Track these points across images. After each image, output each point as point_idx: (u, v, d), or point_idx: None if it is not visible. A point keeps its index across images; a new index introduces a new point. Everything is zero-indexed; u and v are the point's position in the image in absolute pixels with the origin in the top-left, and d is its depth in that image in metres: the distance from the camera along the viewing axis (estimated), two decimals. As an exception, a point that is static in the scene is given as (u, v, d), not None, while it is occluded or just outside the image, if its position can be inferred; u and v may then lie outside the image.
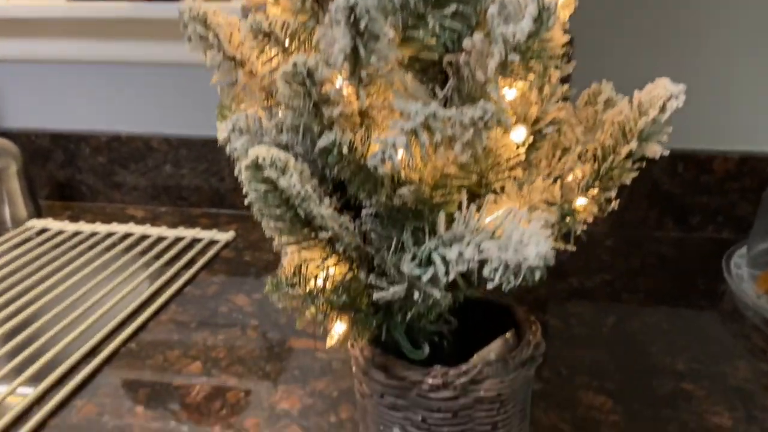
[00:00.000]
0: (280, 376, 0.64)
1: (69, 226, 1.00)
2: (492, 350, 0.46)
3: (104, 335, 0.71)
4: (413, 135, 0.32)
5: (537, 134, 0.42)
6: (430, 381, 0.42)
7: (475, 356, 0.45)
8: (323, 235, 0.36)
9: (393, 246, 0.36)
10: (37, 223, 1.01)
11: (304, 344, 0.69)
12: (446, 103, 0.36)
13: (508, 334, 0.48)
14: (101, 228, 0.99)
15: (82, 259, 0.89)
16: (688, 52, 0.87)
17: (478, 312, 0.50)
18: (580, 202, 0.43)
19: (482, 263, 0.31)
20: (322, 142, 0.33)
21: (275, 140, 0.37)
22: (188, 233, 0.97)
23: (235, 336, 0.72)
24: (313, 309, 0.39)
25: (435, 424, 0.44)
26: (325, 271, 0.39)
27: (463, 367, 0.42)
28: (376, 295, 0.37)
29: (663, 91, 0.38)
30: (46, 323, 0.74)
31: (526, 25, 0.32)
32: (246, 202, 0.36)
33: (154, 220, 1.05)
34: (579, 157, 0.41)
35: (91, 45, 1.03)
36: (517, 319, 0.49)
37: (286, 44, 0.37)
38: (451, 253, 0.32)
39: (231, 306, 0.78)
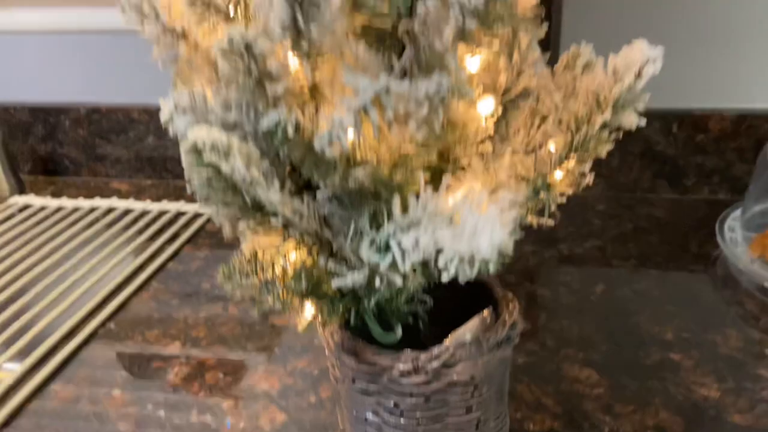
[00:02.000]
0: (261, 355, 0.63)
1: (51, 202, 0.98)
2: (468, 330, 0.44)
3: (85, 313, 0.70)
4: (363, 113, 0.29)
5: (509, 104, 0.39)
6: (400, 366, 0.40)
7: (450, 337, 0.43)
8: (275, 221, 0.34)
9: (351, 231, 0.34)
10: (20, 200, 0.99)
11: (286, 322, 0.68)
12: (405, 75, 0.33)
13: (485, 312, 0.46)
14: (84, 203, 0.97)
15: (65, 236, 0.88)
16: (685, 7, 0.83)
17: (456, 289, 0.48)
18: (558, 175, 0.41)
19: (438, 252, 0.28)
20: (266, 122, 0.31)
21: (222, 119, 0.35)
22: (172, 207, 0.96)
23: (216, 314, 0.70)
24: (270, 298, 0.37)
25: (408, 409, 0.42)
26: (284, 258, 0.37)
27: (435, 350, 0.41)
28: (336, 282, 0.35)
29: (639, 55, 0.35)
30: (28, 302, 0.73)
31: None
32: (189, 189, 0.33)
33: (139, 194, 1.03)
34: (558, 125, 0.38)
35: (64, 14, 0.99)
36: (495, 296, 0.47)
37: (230, 13, 0.34)
38: (407, 241, 0.30)
39: (213, 282, 0.77)
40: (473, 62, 0.35)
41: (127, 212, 0.95)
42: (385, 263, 0.33)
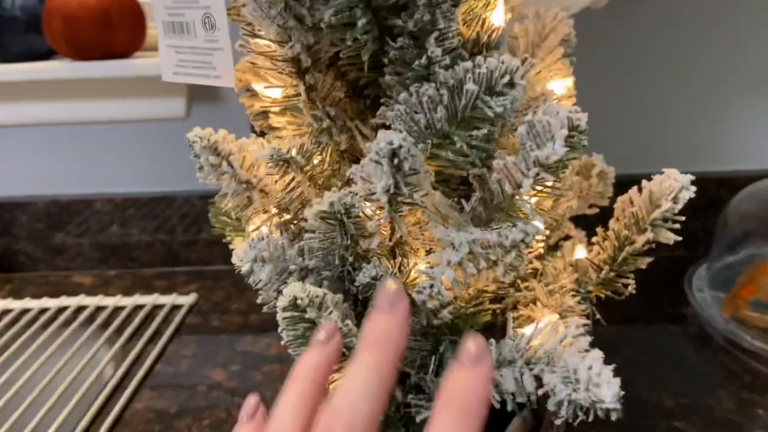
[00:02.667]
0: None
1: (14, 304, 0.93)
2: (511, 432, 0.46)
3: (78, 433, 0.67)
4: (458, 265, 0.31)
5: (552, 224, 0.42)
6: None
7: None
8: (362, 364, 0.35)
9: (433, 364, 0.35)
10: (-24, 304, 0.93)
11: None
12: (472, 215, 0.36)
13: (524, 414, 0.48)
14: (51, 303, 0.93)
15: (38, 342, 0.83)
16: (631, 76, 0.90)
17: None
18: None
19: (547, 395, 0.30)
20: (364, 277, 0.32)
21: (299, 265, 0.35)
22: (147, 300, 0.93)
23: (220, 420, 0.69)
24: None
25: None
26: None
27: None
28: (420, 416, 0.36)
29: (674, 183, 0.38)
30: (14, 426, 0.69)
31: (559, 149, 0.31)
32: (282, 342, 0.34)
33: (105, 287, 0.99)
34: (591, 243, 0.42)
35: (22, 107, 0.96)
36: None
37: (306, 166, 0.35)
38: (507, 382, 0.31)
39: (209, 383, 0.75)
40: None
41: (99, 309, 0.91)
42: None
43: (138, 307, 0.91)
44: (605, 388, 0.28)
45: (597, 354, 0.30)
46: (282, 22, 0.30)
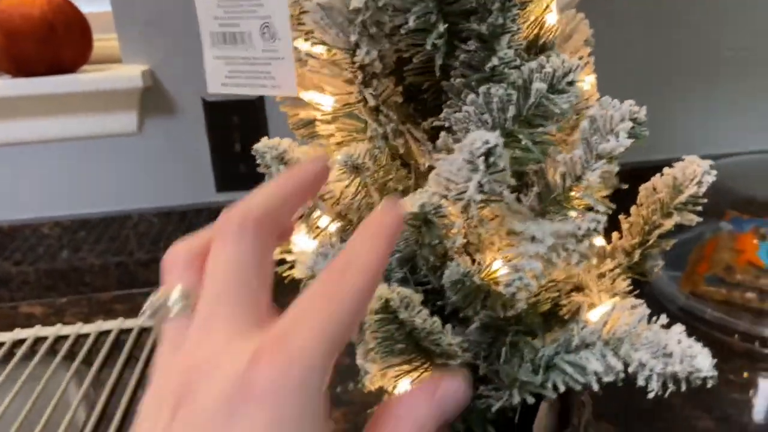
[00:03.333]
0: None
1: (-41, 343, 0.85)
2: (541, 420, 0.48)
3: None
4: (542, 257, 0.33)
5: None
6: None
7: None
8: (441, 360, 0.35)
9: (504, 354, 0.37)
10: None
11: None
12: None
13: (550, 399, 0.50)
14: (3, 336, 0.86)
15: (3, 381, 0.77)
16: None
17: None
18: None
19: (637, 371, 0.32)
20: (453, 275, 0.33)
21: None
22: (111, 325, 0.88)
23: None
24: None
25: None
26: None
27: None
28: (495, 407, 0.37)
29: (697, 168, 0.42)
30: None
31: (624, 140, 0.34)
32: (370, 346, 0.34)
33: (58, 315, 0.93)
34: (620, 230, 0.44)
35: (-47, 129, 0.89)
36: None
37: (375, 172, 0.36)
38: (592, 363, 0.33)
39: (200, 403, 0.72)
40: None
41: (60, 339, 0.86)
42: (550, 382, 0.36)
43: (103, 334, 0.87)
44: (701, 358, 0.30)
45: (680, 328, 0.32)
46: (360, 30, 0.31)
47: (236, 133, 0.94)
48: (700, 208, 0.43)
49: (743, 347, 0.76)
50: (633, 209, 0.45)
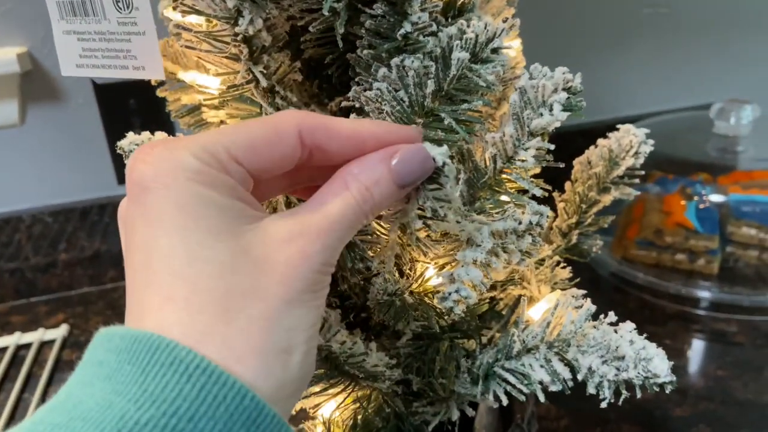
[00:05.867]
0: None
1: None
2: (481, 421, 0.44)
3: None
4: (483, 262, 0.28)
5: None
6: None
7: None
8: (366, 383, 0.30)
9: (436, 363, 0.32)
10: None
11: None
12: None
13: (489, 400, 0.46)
14: None
15: None
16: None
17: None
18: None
19: (588, 376, 0.28)
20: (379, 295, 0.27)
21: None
22: (7, 341, 0.79)
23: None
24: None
25: None
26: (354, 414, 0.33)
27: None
28: (431, 425, 0.33)
29: (633, 138, 0.38)
30: None
31: (559, 114, 0.29)
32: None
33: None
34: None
35: None
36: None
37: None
38: (536, 371, 0.29)
39: (112, 422, 0.65)
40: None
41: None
42: (491, 392, 0.31)
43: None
44: (657, 362, 0.27)
45: (630, 326, 0.29)
46: (238, -8, 0.25)
47: (134, 118, 0.85)
48: (637, 180, 0.40)
49: (676, 309, 0.76)
50: (567, 185, 0.41)
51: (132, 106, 0.85)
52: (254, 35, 0.27)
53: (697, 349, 0.72)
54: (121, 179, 0.88)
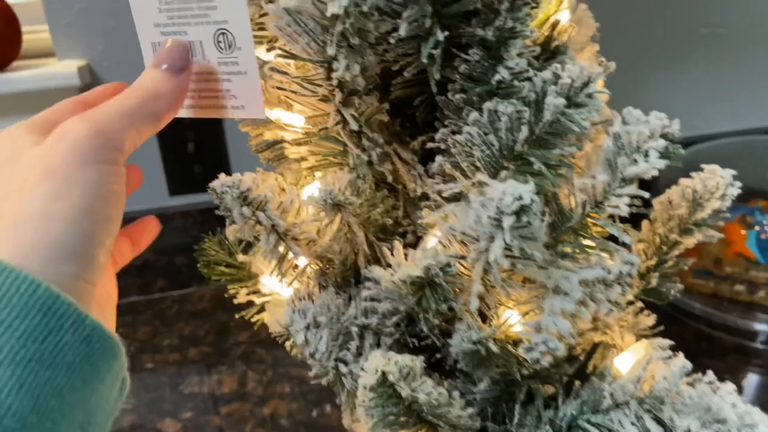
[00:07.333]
0: None
1: None
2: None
3: None
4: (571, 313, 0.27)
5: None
6: None
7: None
8: (449, 430, 0.30)
9: (516, 415, 0.31)
10: None
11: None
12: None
13: None
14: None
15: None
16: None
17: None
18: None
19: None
20: (463, 343, 0.27)
21: (354, 322, 0.30)
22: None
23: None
24: None
25: None
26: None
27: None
28: (509, 474, 0.32)
29: (719, 180, 0.37)
30: None
31: (656, 161, 0.28)
32: (369, 427, 0.28)
33: None
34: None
35: None
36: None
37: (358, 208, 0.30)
38: (626, 428, 0.28)
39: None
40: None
41: None
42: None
43: None
44: (763, 429, 0.25)
45: (730, 387, 0.27)
46: (339, 40, 0.24)
47: (188, 132, 0.86)
48: (722, 223, 0.38)
49: (734, 342, 0.73)
50: (644, 225, 0.40)
51: (185, 120, 0.86)
52: (349, 80, 0.26)
53: (755, 384, 0.70)
54: (172, 191, 0.90)
